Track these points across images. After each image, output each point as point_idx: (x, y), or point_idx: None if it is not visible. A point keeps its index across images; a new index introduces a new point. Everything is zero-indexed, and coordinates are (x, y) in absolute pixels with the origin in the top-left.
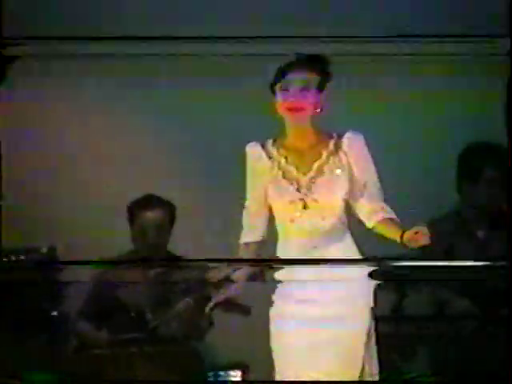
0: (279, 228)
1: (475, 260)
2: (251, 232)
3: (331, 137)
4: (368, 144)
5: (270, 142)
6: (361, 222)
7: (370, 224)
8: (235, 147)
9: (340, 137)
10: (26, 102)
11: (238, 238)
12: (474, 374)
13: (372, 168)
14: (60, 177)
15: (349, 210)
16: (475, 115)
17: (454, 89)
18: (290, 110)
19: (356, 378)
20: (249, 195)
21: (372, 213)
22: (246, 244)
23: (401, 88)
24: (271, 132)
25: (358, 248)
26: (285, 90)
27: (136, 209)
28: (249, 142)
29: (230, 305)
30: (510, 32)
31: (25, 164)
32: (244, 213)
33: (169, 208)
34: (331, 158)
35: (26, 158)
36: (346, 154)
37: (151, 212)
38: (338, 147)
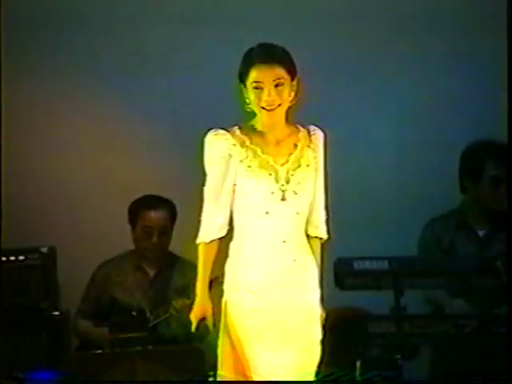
0: (248, 221)
1: (475, 259)
2: (219, 227)
3: (299, 130)
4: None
5: (237, 129)
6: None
7: (308, 230)
8: None
9: (306, 129)
10: (27, 101)
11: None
12: (473, 374)
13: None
14: (60, 177)
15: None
16: (475, 115)
17: (454, 88)
18: (265, 108)
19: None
20: (217, 186)
21: (315, 220)
22: (212, 242)
23: (401, 87)
24: None
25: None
26: (258, 88)
27: (139, 209)
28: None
29: None
30: (509, 31)
31: (25, 164)
32: (211, 206)
33: (171, 207)
34: (305, 150)
35: (26, 158)
36: (315, 148)
37: (155, 212)
38: (308, 141)
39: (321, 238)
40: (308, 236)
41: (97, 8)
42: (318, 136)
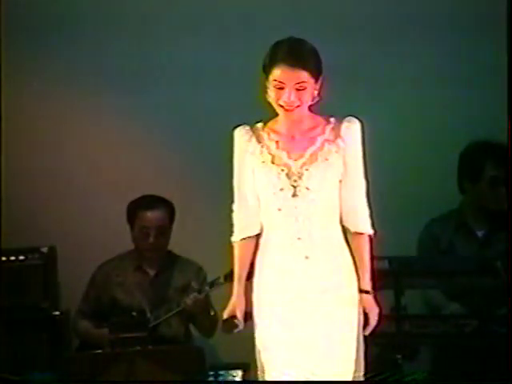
0: (265, 218)
1: (475, 259)
2: (248, 225)
3: (329, 122)
4: (363, 135)
5: (260, 125)
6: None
7: (346, 226)
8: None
9: (338, 122)
10: (26, 102)
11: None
12: (473, 374)
13: (361, 160)
14: (60, 177)
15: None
16: (475, 115)
17: (454, 88)
18: (284, 107)
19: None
20: (240, 183)
21: (352, 215)
22: (243, 240)
23: (401, 87)
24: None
25: (345, 236)
26: (279, 87)
27: (136, 209)
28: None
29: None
30: (509, 31)
31: (25, 164)
32: (236, 204)
33: (168, 207)
34: (326, 144)
35: (26, 158)
36: (343, 140)
37: (152, 212)
38: (335, 133)
39: (362, 234)
40: (350, 233)
41: (97, 9)
42: (350, 128)
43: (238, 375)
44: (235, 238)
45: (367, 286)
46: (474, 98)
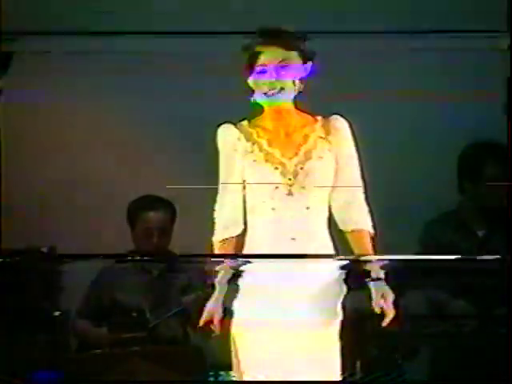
0: (255, 218)
1: (475, 259)
2: (231, 225)
3: (316, 120)
4: (353, 131)
5: (245, 123)
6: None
7: (343, 227)
8: None
9: (326, 119)
10: (26, 100)
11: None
12: (473, 374)
13: (355, 156)
14: (60, 177)
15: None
16: (475, 115)
17: (454, 88)
18: (267, 93)
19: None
20: (223, 182)
21: (347, 215)
22: (225, 240)
23: (400, 87)
24: None
25: (332, 244)
26: (262, 72)
27: (138, 210)
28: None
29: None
30: (510, 29)
31: (25, 164)
32: (220, 204)
33: (170, 208)
34: (319, 142)
35: (26, 158)
36: (333, 139)
37: (154, 212)
38: (326, 131)
39: (362, 230)
40: (346, 232)
41: (97, 8)
42: (340, 126)
43: None
44: (217, 237)
45: (379, 273)
46: (473, 98)
